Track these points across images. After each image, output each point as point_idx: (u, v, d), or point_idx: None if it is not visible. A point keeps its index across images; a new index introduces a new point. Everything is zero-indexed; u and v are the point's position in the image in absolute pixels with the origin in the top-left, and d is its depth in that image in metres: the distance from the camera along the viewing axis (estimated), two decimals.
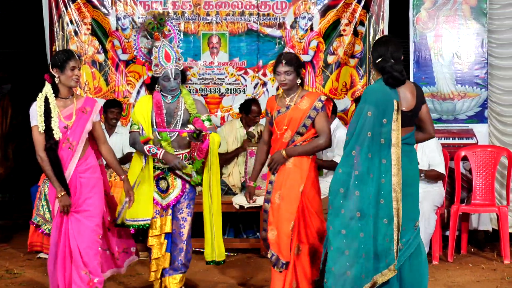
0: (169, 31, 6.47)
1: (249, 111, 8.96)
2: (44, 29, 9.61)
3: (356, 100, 9.11)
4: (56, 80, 5.89)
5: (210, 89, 9.72)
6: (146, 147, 6.24)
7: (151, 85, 6.46)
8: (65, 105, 5.93)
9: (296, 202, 6.18)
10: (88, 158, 6.03)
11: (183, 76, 6.47)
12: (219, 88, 9.76)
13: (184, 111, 6.38)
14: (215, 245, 6.41)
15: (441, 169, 8.12)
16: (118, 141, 8.86)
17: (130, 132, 6.44)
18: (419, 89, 5.64)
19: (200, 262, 7.50)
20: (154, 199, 6.35)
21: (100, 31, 9.72)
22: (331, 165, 8.24)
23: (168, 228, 6.40)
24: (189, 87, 9.69)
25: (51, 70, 5.89)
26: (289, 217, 6.17)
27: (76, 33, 9.69)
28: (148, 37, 6.46)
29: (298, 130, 6.24)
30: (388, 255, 5.35)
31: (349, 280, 5.40)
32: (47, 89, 5.88)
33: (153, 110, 6.35)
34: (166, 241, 6.43)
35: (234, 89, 9.71)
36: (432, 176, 8.12)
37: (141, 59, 6.64)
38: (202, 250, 6.61)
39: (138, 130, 6.37)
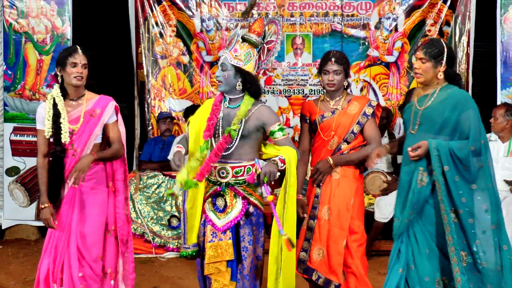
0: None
1: None
2: (130, 31, 9.76)
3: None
4: (59, 80, 5.41)
5: (294, 90, 9.73)
6: (177, 145, 5.41)
7: None
8: (72, 108, 5.41)
9: (348, 217, 5.62)
10: (93, 168, 5.42)
11: (248, 85, 5.26)
12: (303, 89, 9.75)
13: (247, 120, 5.22)
14: (280, 278, 5.22)
15: None
16: None
17: None
18: None
19: None
20: (209, 220, 5.30)
21: (184, 33, 9.83)
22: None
23: (229, 255, 5.20)
24: (273, 88, 9.72)
25: (56, 69, 5.45)
26: (341, 234, 5.60)
27: (161, 35, 9.82)
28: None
29: (345, 137, 5.70)
30: None
31: None
32: (55, 90, 5.41)
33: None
34: (229, 269, 5.24)
35: (318, 90, 9.68)
36: None
37: None
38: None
39: (186, 134, 5.50)
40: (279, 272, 5.20)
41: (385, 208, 8.21)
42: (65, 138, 5.30)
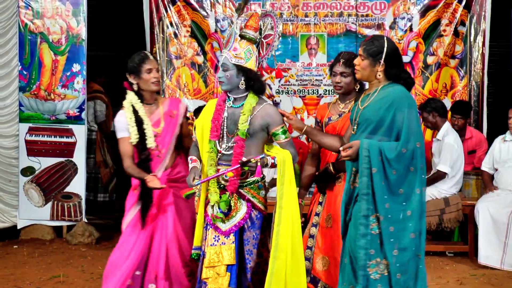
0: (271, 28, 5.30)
1: None
2: (144, 31, 9.78)
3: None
4: (135, 87, 5.55)
5: (308, 90, 9.71)
6: (189, 158, 5.30)
7: None
8: (151, 111, 5.60)
9: None
10: (177, 167, 5.67)
11: (252, 83, 5.15)
12: (317, 90, 9.73)
13: (253, 119, 5.11)
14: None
15: None
16: None
17: None
18: None
19: None
20: (212, 223, 5.13)
21: (199, 33, 9.83)
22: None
23: (230, 259, 5.03)
24: (287, 88, 9.71)
25: (128, 77, 5.58)
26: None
27: (175, 35, 9.83)
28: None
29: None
30: None
31: None
32: (131, 97, 5.57)
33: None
34: (228, 273, 5.04)
35: (332, 91, 9.64)
36: None
37: None
38: None
39: (195, 139, 5.37)
40: (271, 277, 4.94)
41: None
42: (151, 143, 5.49)
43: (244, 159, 4.98)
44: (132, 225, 5.58)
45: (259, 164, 4.96)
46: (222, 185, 5.13)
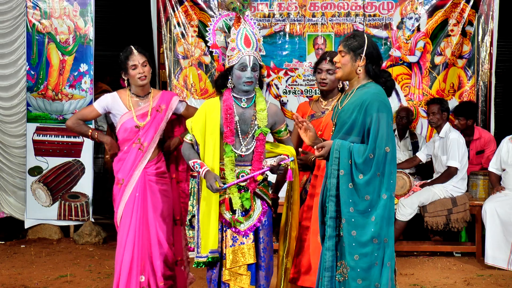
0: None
1: None
2: (152, 31, 9.78)
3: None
4: (126, 83, 5.75)
5: (316, 90, 9.70)
6: (191, 162, 5.14)
7: (222, 80, 5.18)
8: (139, 104, 5.71)
9: None
10: (159, 162, 5.75)
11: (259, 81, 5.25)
12: None
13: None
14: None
15: None
16: None
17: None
18: None
19: None
20: (228, 224, 5.13)
21: (206, 33, 9.80)
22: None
23: (252, 258, 5.09)
24: (294, 88, 9.70)
25: (121, 74, 5.78)
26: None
27: (183, 35, 9.82)
28: (225, 30, 5.32)
29: None
30: None
31: None
32: (128, 92, 5.80)
33: (221, 118, 5.12)
34: (249, 272, 5.11)
35: None
36: None
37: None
38: None
39: (191, 141, 5.22)
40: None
41: (403, 208, 8.19)
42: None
43: (273, 161, 5.07)
44: (122, 222, 5.68)
45: (289, 167, 5.09)
46: (240, 186, 5.11)
